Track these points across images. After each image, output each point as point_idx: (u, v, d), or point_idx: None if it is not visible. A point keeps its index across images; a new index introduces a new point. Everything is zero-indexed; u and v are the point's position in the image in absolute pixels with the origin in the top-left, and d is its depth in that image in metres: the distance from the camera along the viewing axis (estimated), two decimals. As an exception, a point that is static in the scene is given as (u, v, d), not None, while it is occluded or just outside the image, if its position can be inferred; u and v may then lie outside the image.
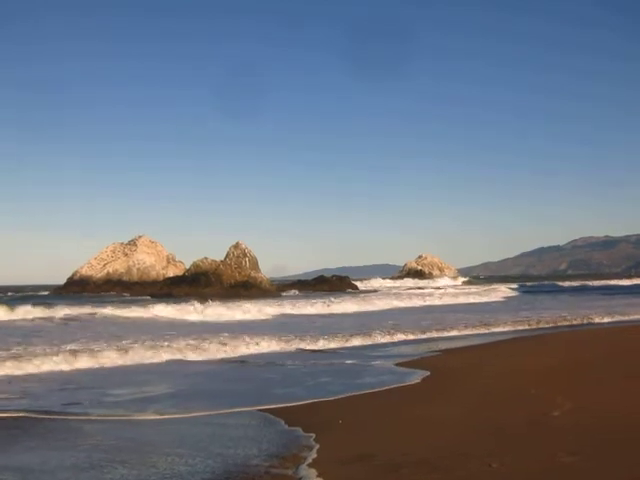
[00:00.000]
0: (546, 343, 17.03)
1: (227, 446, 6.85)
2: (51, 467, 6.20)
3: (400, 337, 18.61)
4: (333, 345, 16.87)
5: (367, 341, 17.70)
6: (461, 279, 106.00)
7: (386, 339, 18.23)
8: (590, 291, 62.34)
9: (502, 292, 55.05)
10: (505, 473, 5.49)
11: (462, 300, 44.26)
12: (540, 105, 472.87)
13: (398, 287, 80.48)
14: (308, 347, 16.40)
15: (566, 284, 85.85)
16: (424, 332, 19.66)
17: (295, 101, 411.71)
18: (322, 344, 16.86)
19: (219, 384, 11.44)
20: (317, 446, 6.71)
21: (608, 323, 23.05)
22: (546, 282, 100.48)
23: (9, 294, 63.22)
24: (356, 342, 17.38)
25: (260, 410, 8.83)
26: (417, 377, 11.53)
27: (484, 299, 45.96)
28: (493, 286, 70.34)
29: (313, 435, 7.20)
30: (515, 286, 72.32)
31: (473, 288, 66.06)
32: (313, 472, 5.70)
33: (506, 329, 20.93)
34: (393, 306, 37.31)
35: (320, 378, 11.67)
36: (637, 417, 7.47)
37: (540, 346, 16.28)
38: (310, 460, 6.13)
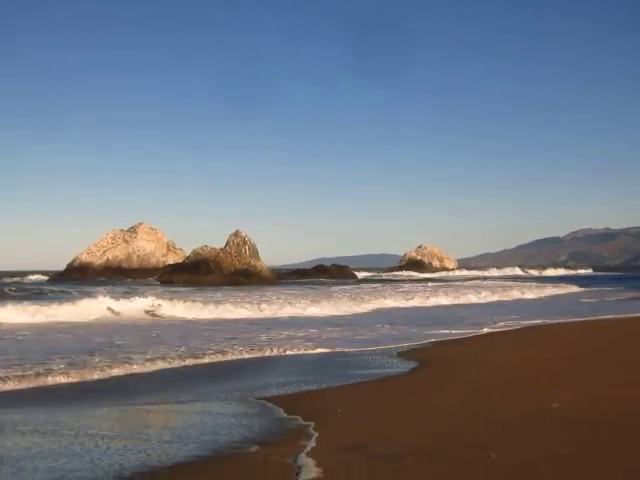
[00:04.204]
0: (546, 334, 17.04)
1: (223, 434, 6.83)
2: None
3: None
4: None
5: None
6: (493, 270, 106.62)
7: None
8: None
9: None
10: (504, 464, 5.48)
11: (550, 292, 42.79)
12: (540, 97, 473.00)
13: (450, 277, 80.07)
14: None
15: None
16: None
17: (296, 92, 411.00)
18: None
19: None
20: (316, 435, 6.69)
21: None
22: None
23: (8, 280, 63.26)
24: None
25: (258, 398, 8.83)
26: (418, 366, 11.54)
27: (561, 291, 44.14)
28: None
29: (312, 424, 7.18)
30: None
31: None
32: (312, 461, 5.69)
33: None
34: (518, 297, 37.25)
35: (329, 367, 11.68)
36: (636, 408, 7.48)
37: (541, 337, 16.29)
38: (309, 449, 6.12)
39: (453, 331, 17.80)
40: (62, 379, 10.43)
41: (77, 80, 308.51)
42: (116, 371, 11.21)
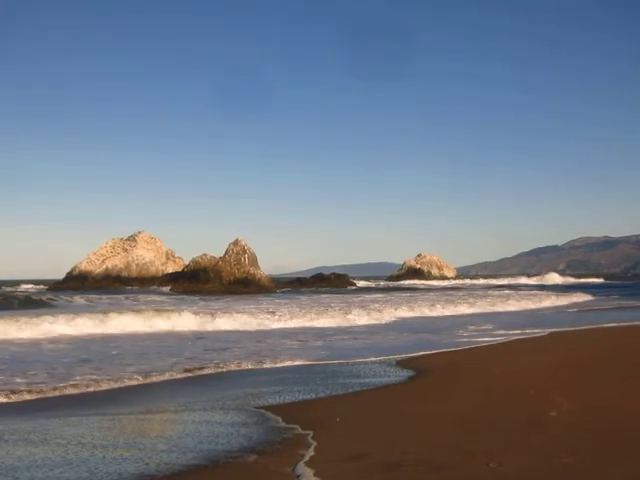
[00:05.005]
0: (545, 343, 16.99)
1: (222, 443, 6.80)
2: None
3: None
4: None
5: None
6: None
7: None
8: None
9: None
10: (503, 473, 5.45)
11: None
12: (539, 104, 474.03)
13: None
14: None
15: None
16: None
17: (295, 99, 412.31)
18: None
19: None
20: (315, 444, 6.66)
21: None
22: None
23: (9, 289, 63.09)
24: None
25: (256, 407, 8.79)
26: (417, 375, 11.50)
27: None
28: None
29: (311, 433, 7.15)
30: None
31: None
32: (310, 470, 5.66)
33: None
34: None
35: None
36: (636, 417, 7.45)
37: (540, 346, 16.24)
38: (308, 458, 6.09)
39: (453, 340, 17.76)
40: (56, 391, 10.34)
41: (76, 87, 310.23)
42: (106, 383, 10.95)
